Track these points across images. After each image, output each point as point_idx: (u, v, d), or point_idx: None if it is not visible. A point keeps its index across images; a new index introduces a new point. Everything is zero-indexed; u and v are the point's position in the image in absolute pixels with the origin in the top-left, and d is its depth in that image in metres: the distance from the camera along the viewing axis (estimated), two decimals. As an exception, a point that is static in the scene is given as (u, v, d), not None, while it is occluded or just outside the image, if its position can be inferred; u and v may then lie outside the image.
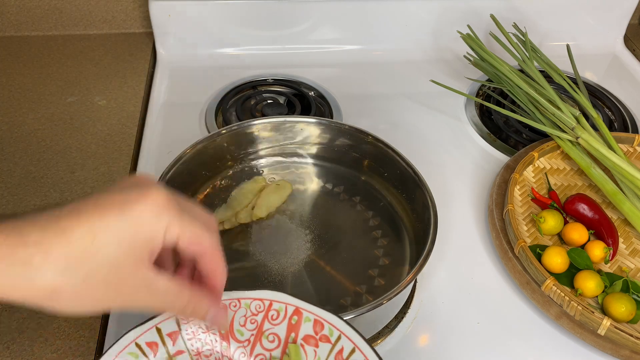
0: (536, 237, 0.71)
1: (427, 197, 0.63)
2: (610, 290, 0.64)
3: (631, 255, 0.70)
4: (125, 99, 0.90)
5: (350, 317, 0.52)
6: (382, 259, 0.65)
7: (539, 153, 0.78)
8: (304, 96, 0.91)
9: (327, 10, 0.99)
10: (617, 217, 0.74)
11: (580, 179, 0.79)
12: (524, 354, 0.62)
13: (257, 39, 1.01)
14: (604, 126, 0.77)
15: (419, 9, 1.01)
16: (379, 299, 0.53)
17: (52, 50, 1.00)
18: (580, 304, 0.59)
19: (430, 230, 0.60)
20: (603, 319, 0.58)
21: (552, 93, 0.79)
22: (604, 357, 0.61)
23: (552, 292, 0.62)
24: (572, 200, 0.73)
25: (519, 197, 0.75)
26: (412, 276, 0.55)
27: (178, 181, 0.68)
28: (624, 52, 1.09)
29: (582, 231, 0.69)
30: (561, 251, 0.66)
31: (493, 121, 0.91)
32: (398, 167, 0.69)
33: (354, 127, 0.72)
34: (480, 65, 0.91)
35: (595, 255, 0.67)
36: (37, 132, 0.83)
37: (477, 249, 0.72)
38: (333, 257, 0.65)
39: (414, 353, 0.61)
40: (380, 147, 0.70)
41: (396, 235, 0.68)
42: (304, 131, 0.74)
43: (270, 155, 0.76)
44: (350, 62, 1.02)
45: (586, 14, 1.07)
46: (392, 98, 0.95)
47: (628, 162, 0.72)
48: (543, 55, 0.89)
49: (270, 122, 0.73)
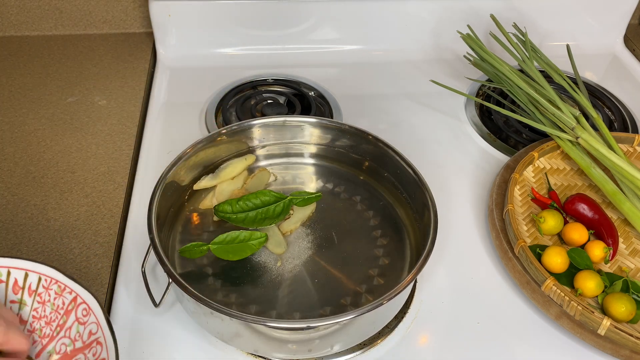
0: (536, 237, 0.71)
1: (427, 197, 0.63)
2: (610, 290, 0.64)
3: (631, 255, 0.70)
4: (125, 99, 0.90)
5: (350, 317, 0.52)
6: (382, 259, 0.65)
7: (539, 153, 0.78)
8: (304, 96, 0.91)
9: (327, 10, 0.99)
10: (617, 217, 0.74)
11: (580, 179, 0.79)
12: (524, 354, 0.62)
13: (257, 39, 1.01)
14: (604, 126, 0.77)
15: (419, 9, 1.01)
16: (379, 299, 0.53)
17: (52, 50, 1.00)
18: (580, 304, 0.59)
19: (431, 230, 0.60)
20: (603, 319, 0.58)
21: (552, 93, 0.79)
22: (604, 357, 0.61)
23: (552, 292, 0.62)
24: (572, 200, 0.73)
25: (519, 197, 0.75)
26: (412, 276, 0.55)
27: (178, 181, 0.68)
28: (624, 52, 1.09)
29: (582, 231, 0.69)
30: (561, 251, 0.66)
31: (493, 121, 0.91)
32: (398, 167, 0.69)
33: (354, 127, 0.72)
34: (480, 65, 0.91)
35: (595, 255, 0.67)
36: (37, 132, 0.83)
37: (477, 249, 0.72)
38: (333, 257, 0.65)
39: (414, 353, 0.61)
40: (381, 147, 0.70)
41: (396, 235, 0.68)
42: (304, 131, 0.74)
43: (270, 155, 0.76)
44: (350, 62, 1.02)
45: (586, 14, 1.07)
46: (392, 98, 0.95)
47: (628, 162, 0.72)
48: (543, 55, 0.89)
49: (270, 122, 0.73)
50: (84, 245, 0.68)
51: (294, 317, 0.59)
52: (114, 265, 0.67)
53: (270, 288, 0.62)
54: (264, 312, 0.60)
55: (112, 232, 0.70)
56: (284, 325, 0.53)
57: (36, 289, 0.53)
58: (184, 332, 0.61)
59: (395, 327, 0.63)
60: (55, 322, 0.52)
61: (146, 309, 0.63)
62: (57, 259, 0.66)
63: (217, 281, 0.62)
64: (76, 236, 0.69)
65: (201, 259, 0.64)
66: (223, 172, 0.72)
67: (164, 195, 0.63)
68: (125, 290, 0.64)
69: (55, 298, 0.52)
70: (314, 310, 0.60)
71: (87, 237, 0.69)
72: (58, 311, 0.52)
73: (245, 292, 0.61)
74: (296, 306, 0.60)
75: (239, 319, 0.51)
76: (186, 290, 0.53)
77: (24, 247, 0.67)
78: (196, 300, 0.52)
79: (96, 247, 0.68)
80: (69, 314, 0.51)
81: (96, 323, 0.49)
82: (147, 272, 0.61)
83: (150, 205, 0.60)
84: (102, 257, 0.67)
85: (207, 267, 0.63)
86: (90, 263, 0.66)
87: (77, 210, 0.72)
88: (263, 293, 0.61)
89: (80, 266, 0.66)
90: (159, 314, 0.62)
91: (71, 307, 0.51)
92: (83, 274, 0.65)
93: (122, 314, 0.62)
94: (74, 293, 0.51)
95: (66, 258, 0.66)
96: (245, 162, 0.73)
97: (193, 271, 0.63)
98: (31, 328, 0.52)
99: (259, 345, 0.56)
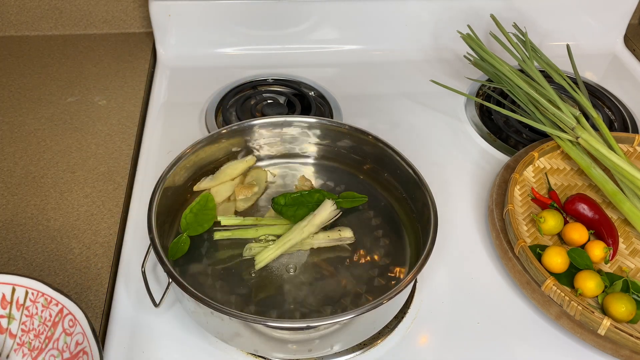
0: (536, 237, 0.71)
1: (427, 197, 0.63)
2: (610, 290, 0.64)
3: (631, 255, 0.70)
4: (125, 99, 0.90)
5: (350, 316, 0.52)
6: (382, 259, 0.65)
7: (539, 153, 0.78)
8: (304, 96, 0.91)
9: (327, 10, 0.99)
10: (617, 217, 0.74)
11: (580, 179, 0.79)
12: (524, 354, 0.62)
13: (257, 39, 1.01)
14: (604, 126, 0.77)
15: (419, 9, 1.01)
16: (378, 299, 0.53)
17: (52, 50, 1.00)
18: (580, 303, 0.59)
19: (431, 230, 0.60)
20: (603, 319, 0.58)
21: (552, 93, 0.79)
22: (604, 357, 0.61)
23: (552, 292, 0.62)
24: (572, 200, 0.73)
25: (519, 197, 0.75)
26: (412, 276, 0.55)
27: (178, 181, 0.68)
28: (624, 52, 1.09)
29: (582, 231, 0.69)
30: (561, 251, 0.66)
31: (493, 121, 0.91)
32: (398, 167, 0.69)
33: (354, 127, 0.72)
34: (480, 65, 0.91)
35: (595, 255, 0.67)
36: (37, 132, 0.83)
37: (477, 249, 0.72)
38: (333, 257, 0.65)
39: (414, 353, 0.61)
40: (381, 148, 0.70)
41: (396, 235, 0.68)
42: (305, 131, 0.74)
43: (270, 155, 0.76)
44: (350, 62, 1.02)
45: (586, 14, 1.07)
46: (392, 98, 0.95)
47: (628, 162, 0.72)
48: (543, 55, 0.89)
49: (270, 122, 0.73)
50: (84, 245, 0.68)
51: (294, 317, 0.59)
52: (114, 265, 0.67)
53: (270, 288, 0.62)
54: (264, 312, 0.60)
55: (112, 232, 0.69)
56: (284, 325, 0.53)
57: (24, 303, 0.53)
58: (184, 332, 0.61)
59: (395, 327, 0.63)
60: (43, 335, 0.52)
61: (146, 309, 0.63)
62: (57, 259, 0.66)
63: (217, 281, 0.62)
64: (76, 236, 0.69)
65: (201, 259, 0.64)
66: (223, 173, 0.72)
67: (164, 195, 0.63)
68: (125, 290, 0.64)
69: (43, 310, 0.53)
70: (313, 310, 0.60)
71: (87, 237, 0.69)
72: (46, 323, 0.52)
73: (245, 293, 0.61)
74: (296, 306, 0.60)
75: (238, 319, 0.51)
76: (186, 290, 0.53)
77: (24, 247, 0.67)
78: (196, 300, 0.52)
79: (96, 247, 0.68)
80: (56, 325, 0.52)
81: (82, 333, 0.50)
82: (147, 272, 0.61)
83: (150, 205, 0.60)
84: (102, 257, 0.67)
85: (208, 267, 0.63)
86: (90, 263, 0.66)
87: (77, 210, 0.72)
88: (263, 293, 0.61)
89: (80, 266, 0.66)
90: (159, 314, 0.62)
91: (58, 318, 0.52)
92: (83, 274, 0.65)
93: (122, 313, 0.62)
94: (60, 305, 0.52)
95: (66, 258, 0.66)
96: (246, 163, 0.73)
97: (193, 271, 0.63)
98: (20, 342, 0.53)
99: (258, 345, 0.56)
